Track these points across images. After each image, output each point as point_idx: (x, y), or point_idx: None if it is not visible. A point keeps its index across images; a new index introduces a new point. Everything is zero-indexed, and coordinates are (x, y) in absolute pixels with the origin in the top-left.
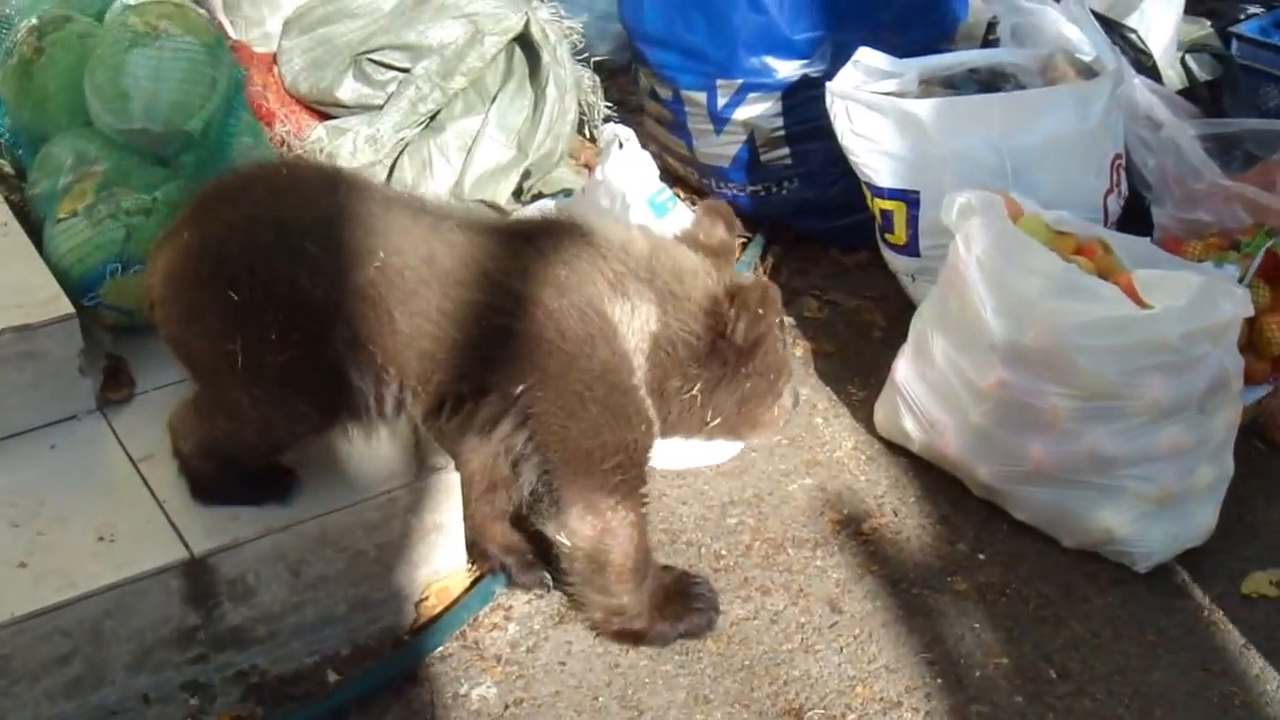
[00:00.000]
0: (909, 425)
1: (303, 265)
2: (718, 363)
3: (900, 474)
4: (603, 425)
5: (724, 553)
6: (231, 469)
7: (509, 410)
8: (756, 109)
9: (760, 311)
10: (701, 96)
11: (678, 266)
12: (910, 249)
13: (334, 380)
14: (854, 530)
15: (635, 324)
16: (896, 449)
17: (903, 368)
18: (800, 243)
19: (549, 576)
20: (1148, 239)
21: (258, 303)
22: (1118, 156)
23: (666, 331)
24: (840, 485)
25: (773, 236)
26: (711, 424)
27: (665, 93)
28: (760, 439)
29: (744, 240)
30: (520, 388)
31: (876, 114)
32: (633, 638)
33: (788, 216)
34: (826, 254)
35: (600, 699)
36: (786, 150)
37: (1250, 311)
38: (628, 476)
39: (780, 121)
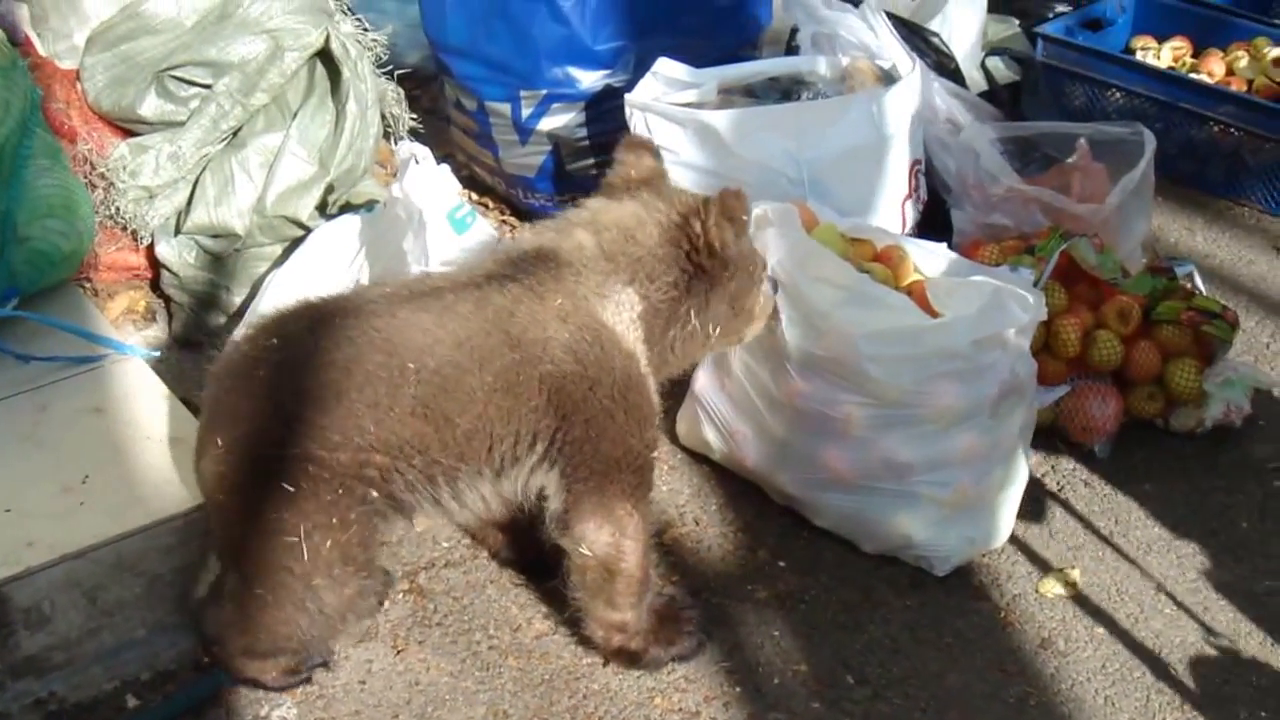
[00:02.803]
0: (710, 435)
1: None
2: (703, 283)
3: (702, 483)
4: (628, 431)
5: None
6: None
7: (545, 450)
8: (561, 119)
9: (733, 215)
10: (506, 107)
11: (622, 228)
12: None
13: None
14: (655, 540)
15: (624, 316)
16: (699, 458)
17: (702, 378)
18: None
19: None
20: (946, 244)
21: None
22: (916, 162)
23: (648, 302)
24: None
25: None
26: (713, 337)
27: (470, 103)
28: (756, 331)
29: None
30: (554, 425)
31: (675, 125)
32: (630, 658)
33: None
34: None
35: (400, 717)
36: (592, 160)
37: (1044, 315)
38: (644, 478)
39: (585, 131)
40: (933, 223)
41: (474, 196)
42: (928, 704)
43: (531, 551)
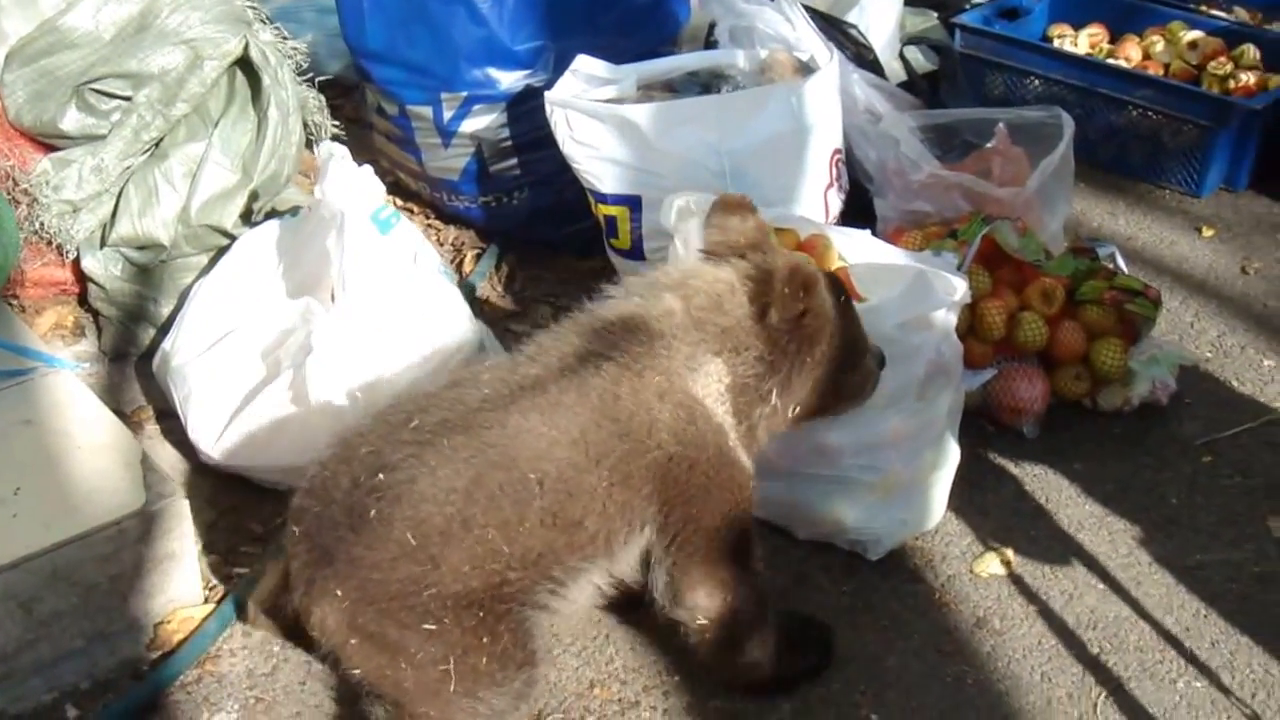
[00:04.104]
0: None
1: (476, 535)
2: (786, 360)
3: None
4: (722, 502)
5: None
6: None
7: (650, 533)
8: (483, 121)
9: (787, 290)
10: (427, 111)
11: (712, 295)
12: (635, 253)
13: None
14: None
15: (713, 389)
16: None
17: None
18: (534, 251)
19: None
20: (869, 231)
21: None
22: (837, 151)
23: (736, 374)
24: None
25: (506, 246)
26: (793, 416)
27: (392, 109)
28: (854, 408)
29: (478, 251)
30: (658, 509)
31: (595, 121)
32: (761, 687)
33: (520, 225)
34: (560, 260)
35: (341, 718)
36: (515, 160)
37: (967, 298)
38: (747, 536)
39: (507, 132)
40: (856, 211)
41: (399, 202)
42: (867, 686)
43: None
